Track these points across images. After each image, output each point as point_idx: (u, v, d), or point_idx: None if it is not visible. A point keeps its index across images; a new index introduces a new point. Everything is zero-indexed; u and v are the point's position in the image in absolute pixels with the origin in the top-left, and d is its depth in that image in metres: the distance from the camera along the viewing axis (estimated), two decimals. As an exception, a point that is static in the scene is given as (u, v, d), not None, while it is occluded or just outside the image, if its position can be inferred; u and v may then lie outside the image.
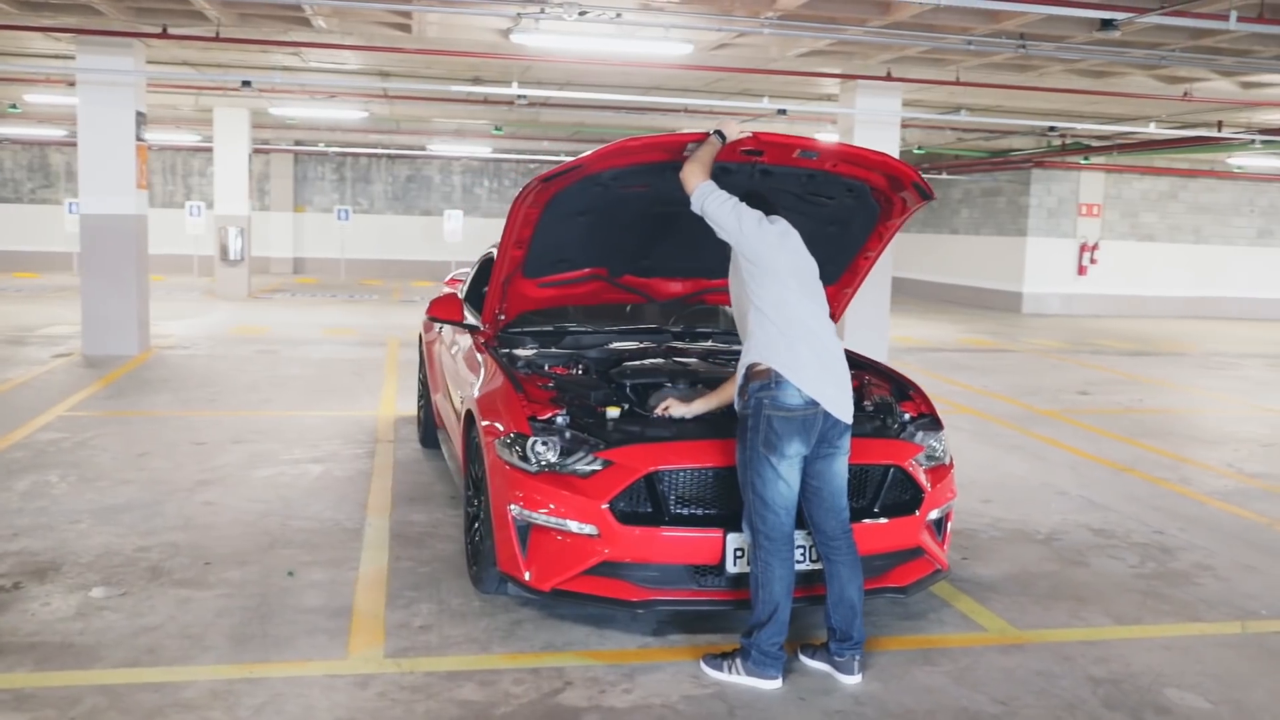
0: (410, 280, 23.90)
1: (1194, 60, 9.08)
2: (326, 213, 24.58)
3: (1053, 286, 20.61)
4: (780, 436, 3.64)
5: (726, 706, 3.63)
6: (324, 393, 9.25)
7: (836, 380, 3.77)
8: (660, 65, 10.60)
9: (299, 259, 24.67)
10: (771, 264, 3.77)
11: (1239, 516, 6.29)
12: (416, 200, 25.33)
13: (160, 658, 3.86)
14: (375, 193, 25.10)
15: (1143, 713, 3.70)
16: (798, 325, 3.73)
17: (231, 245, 17.42)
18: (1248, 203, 21.31)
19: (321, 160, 24.79)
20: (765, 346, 3.71)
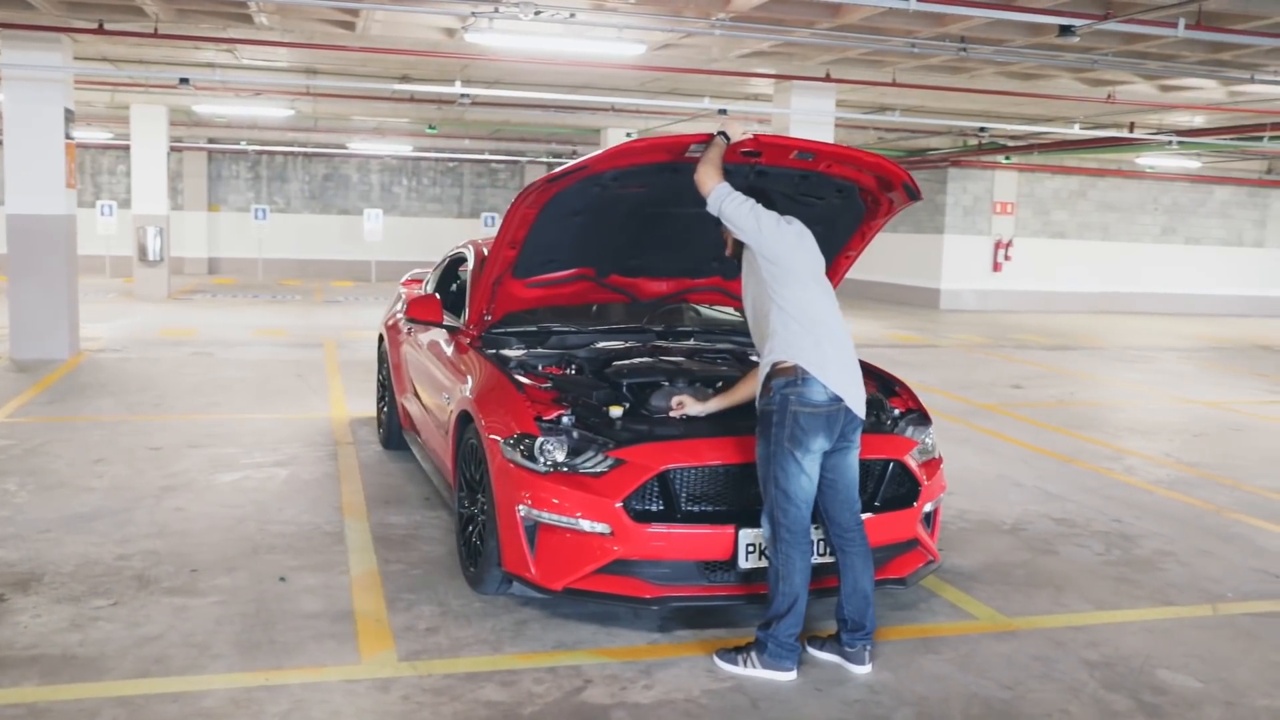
0: (329, 280, 23.49)
1: (1122, 64, 9.46)
2: (242, 212, 24.00)
3: (969, 283, 21.22)
4: (806, 432, 3.73)
5: (748, 700, 3.70)
6: (270, 395, 9.06)
7: (854, 377, 3.88)
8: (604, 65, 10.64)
9: (214, 259, 24.03)
10: (791, 264, 3.85)
11: (1186, 504, 6.59)
12: (334, 199, 24.89)
13: (170, 667, 3.77)
14: (292, 191, 24.59)
15: (1141, 693, 3.88)
16: (820, 324, 3.82)
17: (150, 245, 16.90)
18: (1152, 201, 22.23)
19: (236, 159, 24.19)
20: (790, 344, 3.79)
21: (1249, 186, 22.71)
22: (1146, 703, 3.80)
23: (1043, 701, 3.77)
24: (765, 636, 3.84)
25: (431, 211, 25.37)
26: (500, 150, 24.21)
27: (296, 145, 23.50)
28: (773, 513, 3.78)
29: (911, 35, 8.69)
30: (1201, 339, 17.18)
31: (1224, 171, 21.86)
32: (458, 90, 10.75)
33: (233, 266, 24.03)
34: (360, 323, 14.99)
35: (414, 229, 25.00)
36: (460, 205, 25.53)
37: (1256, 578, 5.25)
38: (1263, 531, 6.04)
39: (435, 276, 6.96)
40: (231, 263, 24.00)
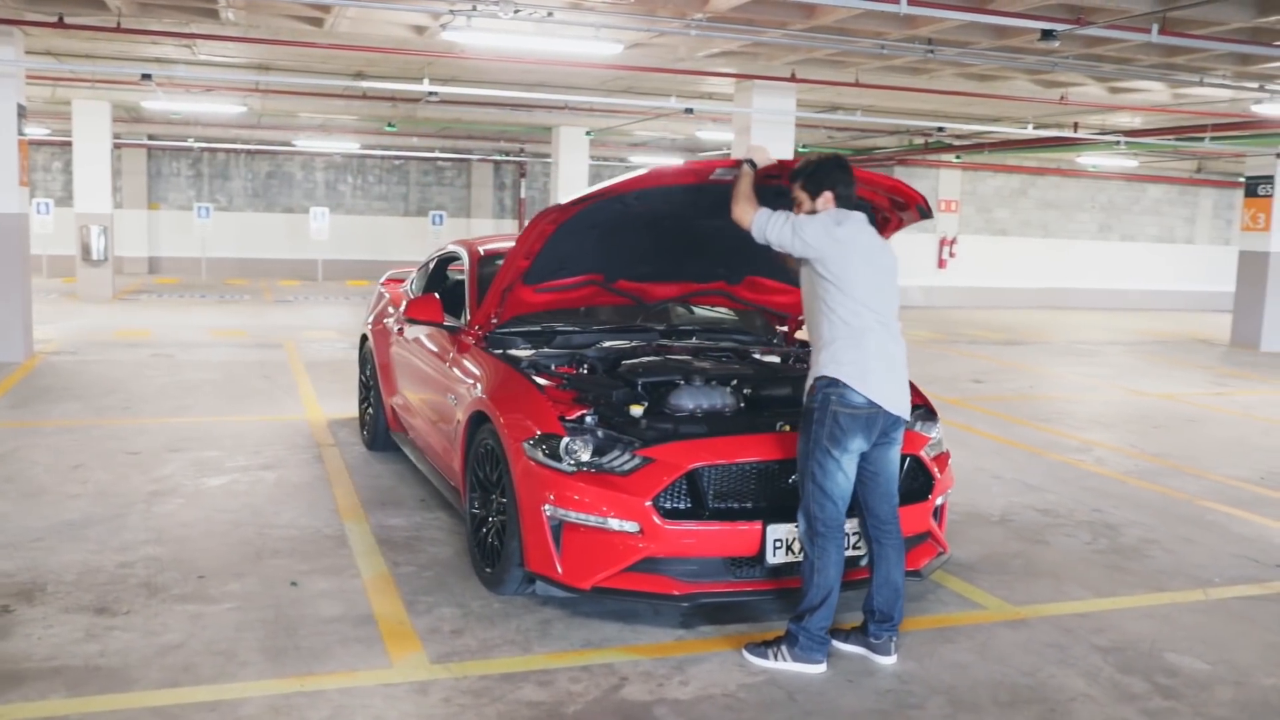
0: (274, 279, 23.10)
1: (1080, 67, 9.72)
2: (183, 210, 23.49)
3: (915, 279, 21.58)
4: (845, 432, 3.80)
5: (784, 692, 3.76)
6: (240, 397, 8.92)
7: (899, 381, 3.94)
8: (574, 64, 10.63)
9: (154, 258, 23.48)
10: (841, 270, 3.85)
11: (1159, 493, 6.81)
12: (278, 197, 24.47)
13: (199, 676, 3.72)
14: (234, 189, 24.12)
15: (1154, 676, 4.02)
16: (869, 333, 3.85)
17: (94, 244, 16.47)
18: (1089, 199, 22.83)
19: (176, 156, 23.66)
20: (836, 358, 3.83)
21: (1180, 185, 23.44)
22: (1161, 685, 3.94)
23: (1064, 686, 3.89)
24: (797, 629, 3.91)
25: (377, 210, 25.08)
26: (447, 149, 24.04)
27: (240, 142, 23.06)
28: (809, 507, 3.85)
29: (881, 37, 8.84)
30: (1141, 333, 17.70)
31: (1157, 171, 22.52)
32: (425, 88, 10.66)
33: (174, 266, 23.51)
34: (316, 323, 14.79)
35: (360, 228, 24.69)
36: (407, 204, 25.27)
37: (1238, 563, 5.45)
38: (1235, 519, 6.27)
39: (421, 276, 6.91)
40: (173, 262, 23.48)
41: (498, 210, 26.04)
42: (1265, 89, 10.33)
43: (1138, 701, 3.80)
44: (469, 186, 25.74)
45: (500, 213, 26.08)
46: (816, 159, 4.16)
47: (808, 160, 4.17)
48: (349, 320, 15.26)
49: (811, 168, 4.10)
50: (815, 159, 4.16)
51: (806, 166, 4.12)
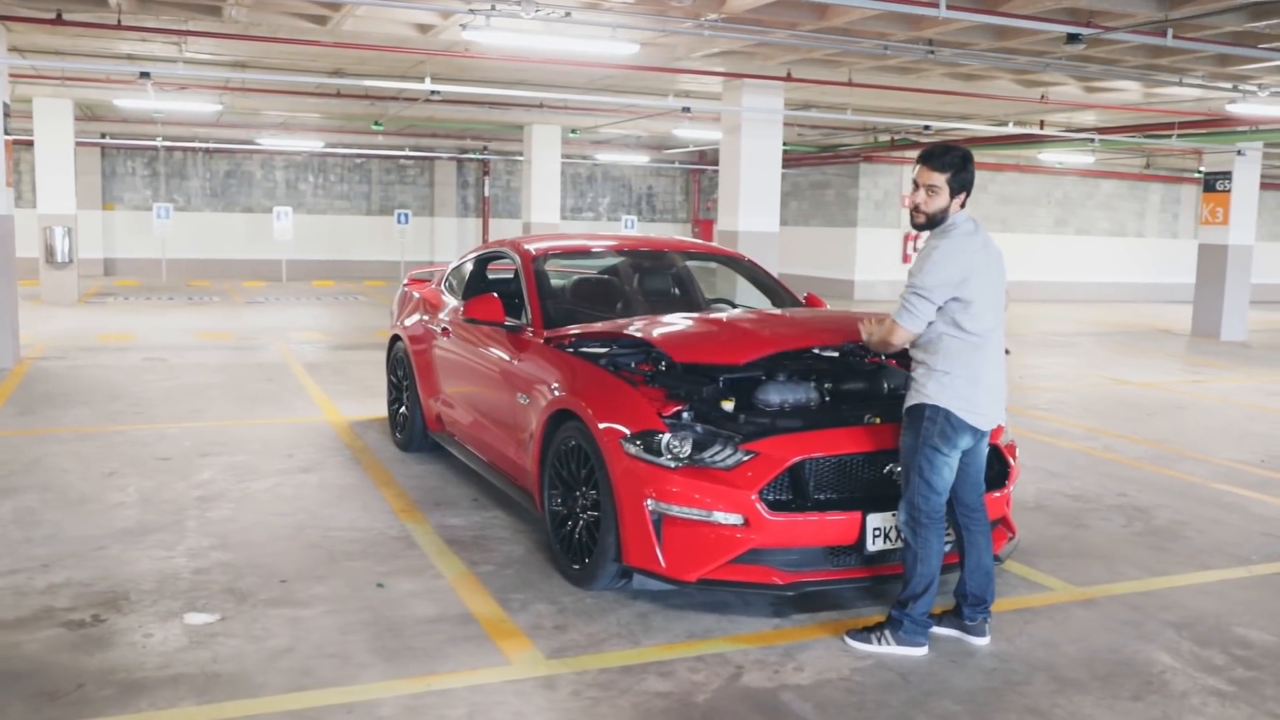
0: (236, 280, 22.76)
1: (1067, 68, 10.01)
2: (139, 211, 23.03)
3: (881, 274, 21.95)
4: (956, 430, 3.93)
5: (896, 675, 3.88)
6: (251, 400, 8.83)
7: (1002, 390, 4.08)
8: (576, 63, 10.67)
9: (110, 260, 23.00)
10: (974, 292, 3.89)
11: (1173, 477, 7.08)
12: (237, 197, 24.09)
13: (321, 679, 3.74)
14: (192, 189, 23.70)
15: (1230, 648, 4.22)
16: (984, 349, 3.95)
17: (59, 246, 16.10)
18: (1046, 195, 23.39)
19: (132, 155, 23.19)
20: (948, 384, 3.92)
21: (1130, 180, 24.12)
22: (1238, 656, 4.14)
23: (1151, 660, 4.07)
24: (901, 615, 4.03)
25: (340, 209, 24.82)
26: (411, 147, 23.87)
27: (199, 141, 22.66)
28: (913, 500, 3.97)
29: (885, 38, 9.02)
30: (1106, 325, 18.21)
31: (1110, 166, 23.14)
32: (427, 86, 10.62)
33: (130, 268, 23.04)
34: (297, 324, 14.63)
35: (323, 227, 24.42)
36: (369, 202, 25.04)
37: (1268, 541, 5.70)
38: (1251, 499, 6.55)
39: (459, 277, 6.92)
40: (129, 264, 23.01)
41: (461, 209, 25.91)
42: (1239, 89, 10.73)
43: (1222, 673, 3.99)
44: (432, 185, 25.57)
45: (464, 211, 25.96)
46: (963, 151, 4.02)
47: (954, 150, 4.02)
48: (330, 321, 15.13)
49: (961, 161, 3.96)
50: (961, 151, 4.01)
51: (955, 157, 3.97)
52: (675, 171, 28.09)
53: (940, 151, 4.00)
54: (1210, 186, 15.73)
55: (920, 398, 3.97)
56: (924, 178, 3.99)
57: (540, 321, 5.49)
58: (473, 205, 26.12)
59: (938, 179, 3.96)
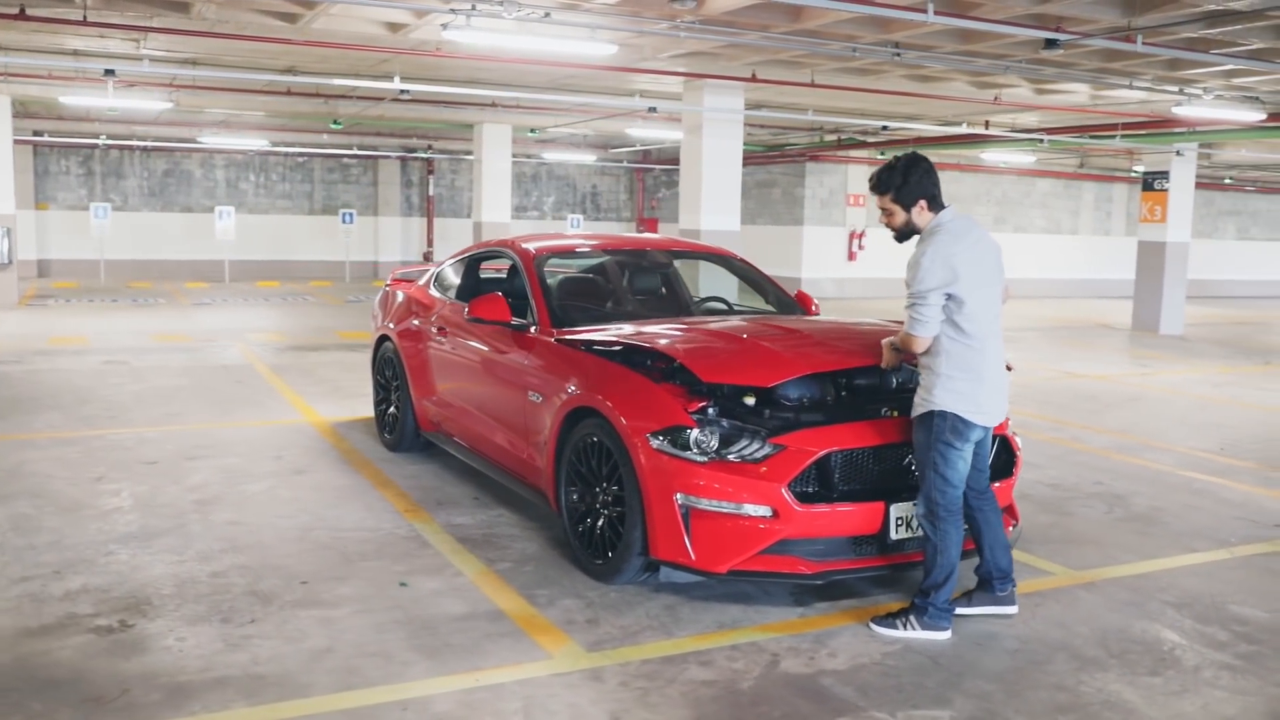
0: (179, 281, 22.30)
1: (1024, 70, 10.31)
2: (74, 210, 22.44)
3: (827, 272, 22.29)
4: (968, 426, 4.11)
5: (926, 658, 4.02)
6: (225, 403, 8.72)
7: (1005, 386, 4.29)
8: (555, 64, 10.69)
9: (44, 261, 22.38)
10: (965, 290, 4.07)
11: (1142, 465, 7.37)
12: (176, 196, 23.60)
13: (368, 678, 3.76)
14: (129, 188, 23.15)
15: (1229, 625, 4.44)
16: (986, 348, 4.14)
17: (-1, 247, 15.64)
18: (986, 193, 23.96)
19: (66, 153, 22.58)
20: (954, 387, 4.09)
21: (1065, 180, 24.82)
22: (1239, 632, 4.36)
23: (1160, 638, 4.27)
24: (924, 603, 4.18)
25: (282, 209, 24.45)
26: (354, 145, 23.61)
27: (136, 139, 22.14)
28: (931, 494, 4.12)
29: (854, 40, 9.21)
30: (1048, 320, 18.73)
31: (1047, 166, 23.78)
32: (397, 85, 10.54)
33: (66, 269, 22.44)
34: (252, 325, 14.42)
35: (265, 227, 24.04)
36: (312, 202, 24.71)
37: (1241, 525, 5.98)
38: (1220, 485, 6.85)
39: (451, 277, 6.93)
40: (64, 265, 22.41)
41: (405, 208, 25.70)
42: (1184, 92, 11.15)
43: (1228, 648, 4.20)
44: (376, 184, 25.32)
45: (408, 210, 25.74)
46: (902, 165, 4.20)
47: (891, 168, 4.22)
48: (285, 322, 14.94)
49: (900, 177, 4.16)
50: (900, 165, 4.20)
51: (894, 176, 4.17)
52: (619, 170, 28.18)
53: (877, 177, 4.28)
54: (1149, 186, 16.28)
55: (929, 405, 4.13)
56: (878, 203, 4.29)
57: (548, 320, 5.54)
58: (417, 205, 25.92)
59: (885, 201, 4.26)
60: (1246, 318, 20.97)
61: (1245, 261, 28.05)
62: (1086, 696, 3.74)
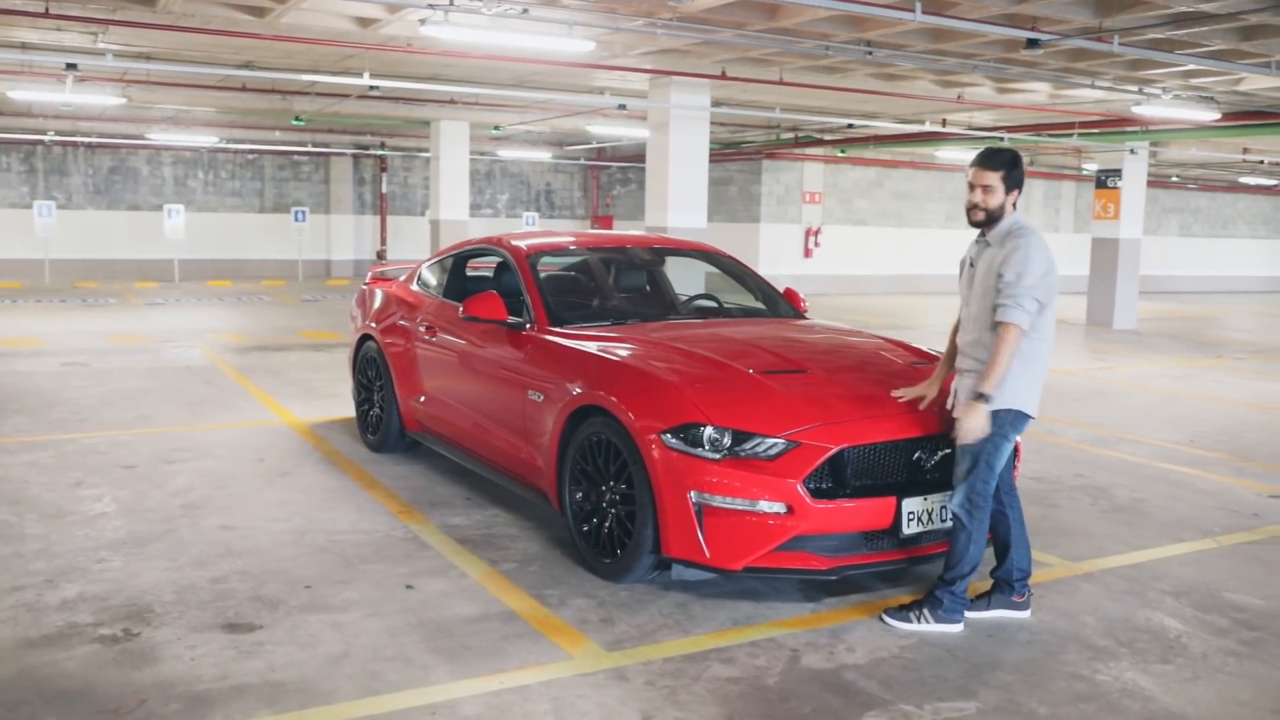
0: (127, 281, 21.81)
1: (989, 69, 10.46)
2: (17, 209, 21.84)
3: (784, 268, 22.41)
4: (1026, 421, 4.23)
5: (943, 651, 4.06)
6: (196, 405, 8.55)
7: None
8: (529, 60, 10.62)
9: (-19, 260, 21.76)
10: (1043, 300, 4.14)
11: (1119, 458, 7.51)
12: (123, 194, 23.06)
13: (390, 683, 3.70)
14: (74, 186, 22.58)
15: (1227, 612, 4.54)
16: (1045, 348, 4.26)
17: (-58, 247, 15.15)
18: (938, 190, 24.27)
19: (5, 150, 21.95)
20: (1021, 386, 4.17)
21: (1015, 176, 25.17)
22: (1237, 619, 4.47)
23: (1164, 626, 4.36)
24: (944, 593, 4.22)
25: (231, 207, 24.01)
26: (306, 142, 23.27)
27: (80, 135, 21.60)
28: (975, 484, 4.16)
29: (827, 39, 9.27)
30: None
31: (995, 162, 24.10)
32: (366, 81, 10.39)
33: (9, 269, 21.76)
34: (209, 326, 14.15)
35: (215, 226, 23.58)
36: (263, 200, 24.30)
37: (1221, 514, 6.12)
38: (1195, 477, 7.00)
39: (436, 275, 6.86)
40: (7, 265, 21.69)
41: (358, 206, 25.38)
42: (1143, 92, 11.39)
43: (1230, 635, 4.30)
44: (328, 182, 24.97)
45: (361, 208, 25.43)
46: (1011, 153, 4.24)
47: (1004, 151, 4.25)
48: (243, 322, 14.68)
49: (1012, 160, 4.20)
50: (1010, 152, 4.25)
51: (1010, 159, 4.20)
52: (573, 168, 28.11)
53: (993, 152, 4.25)
54: (1102, 183, 16.60)
55: (1004, 401, 4.15)
56: (979, 178, 4.22)
57: (545, 318, 5.50)
58: (370, 202, 25.61)
59: (992, 178, 4.19)
60: (1193, 312, 21.49)
61: (1188, 258, 28.74)
62: (1104, 685, 3.80)
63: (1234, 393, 10.68)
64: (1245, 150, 18.69)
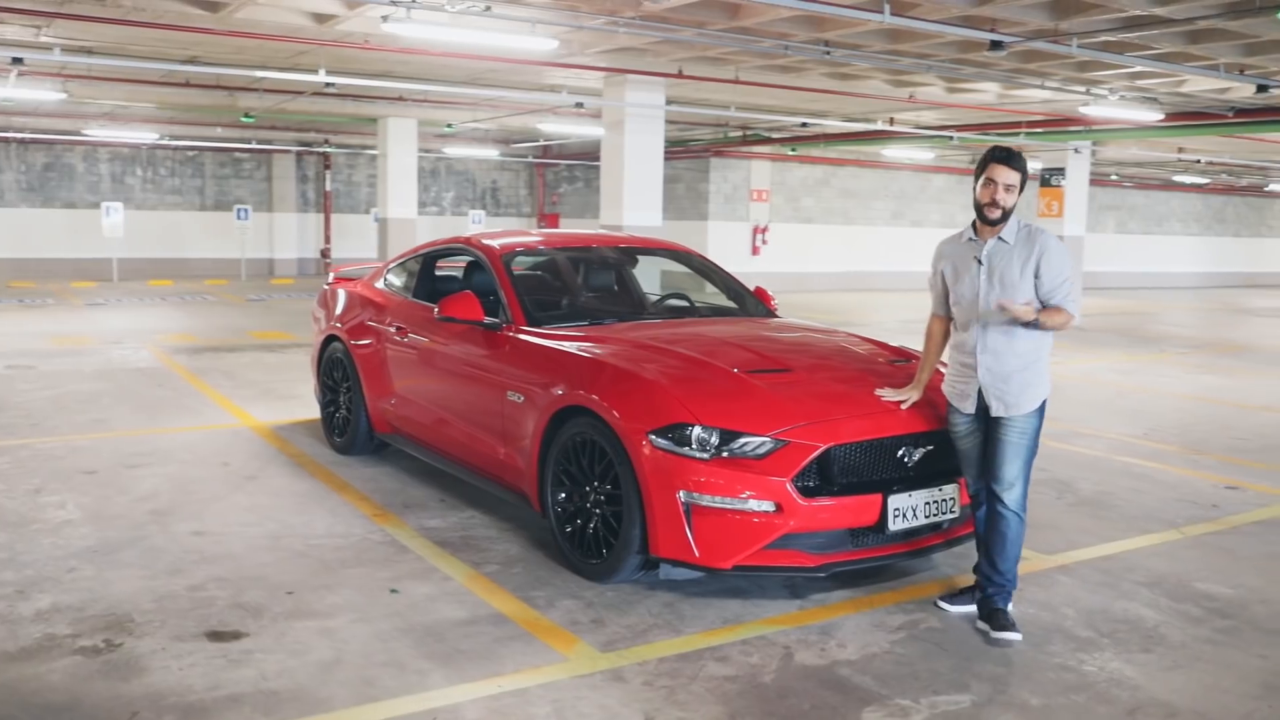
0: (64, 281, 21.25)
1: (943, 69, 10.61)
2: (-58, 207, 21.19)
3: (732, 266, 22.18)
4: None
5: (933, 645, 4.11)
6: (152, 408, 8.36)
7: None
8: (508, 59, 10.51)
9: (-94, 260, 21.06)
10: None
11: (1078, 452, 7.67)
12: (57, 191, 22.47)
13: (387, 689, 3.66)
14: (5, 183, 21.96)
15: (1199, 602, 4.67)
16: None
17: None
18: (884, 189, 24.57)
19: (-69, 146, 21.30)
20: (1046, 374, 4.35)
21: (958, 175, 25.62)
22: (1210, 608, 4.59)
23: (1141, 616, 4.47)
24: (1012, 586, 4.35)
25: (171, 205, 23.51)
26: (248, 140, 22.86)
27: (12, 131, 20.99)
28: (1027, 478, 4.34)
29: (787, 38, 9.33)
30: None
31: (942, 162, 24.51)
32: (322, 78, 10.22)
33: (-65, 269, 21.16)
34: (156, 326, 13.85)
35: (154, 224, 23.08)
36: (203, 197, 23.83)
37: (1183, 506, 6.28)
38: (1155, 469, 7.18)
39: (405, 275, 6.78)
40: (-68, 265, 21.13)
41: (302, 204, 25.01)
42: (1091, 93, 11.64)
43: (1205, 623, 4.42)
44: (270, 179, 24.57)
45: (304, 206, 25.06)
46: (1024, 157, 4.36)
47: (1022, 155, 4.33)
48: (191, 323, 14.39)
49: (1026, 164, 4.32)
50: (1023, 156, 4.36)
51: (1025, 161, 4.32)
52: (519, 165, 27.97)
53: (1014, 153, 4.28)
54: (1046, 182, 16.94)
55: (1045, 390, 4.31)
56: (1004, 177, 4.21)
57: (522, 318, 5.48)
58: (314, 200, 25.25)
59: (1015, 178, 4.22)
60: (1133, 308, 22.02)
61: (1124, 254, 29.44)
62: (1091, 675, 3.88)
63: (1180, 386, 10.97)
64: (1180, 149, 19.19)
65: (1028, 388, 4.26)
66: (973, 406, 4.33)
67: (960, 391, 4.37)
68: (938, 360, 4.69)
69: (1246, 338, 16.35)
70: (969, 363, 4.33)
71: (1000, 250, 4.28)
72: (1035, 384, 4.28)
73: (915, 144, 17.72)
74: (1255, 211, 33.36)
